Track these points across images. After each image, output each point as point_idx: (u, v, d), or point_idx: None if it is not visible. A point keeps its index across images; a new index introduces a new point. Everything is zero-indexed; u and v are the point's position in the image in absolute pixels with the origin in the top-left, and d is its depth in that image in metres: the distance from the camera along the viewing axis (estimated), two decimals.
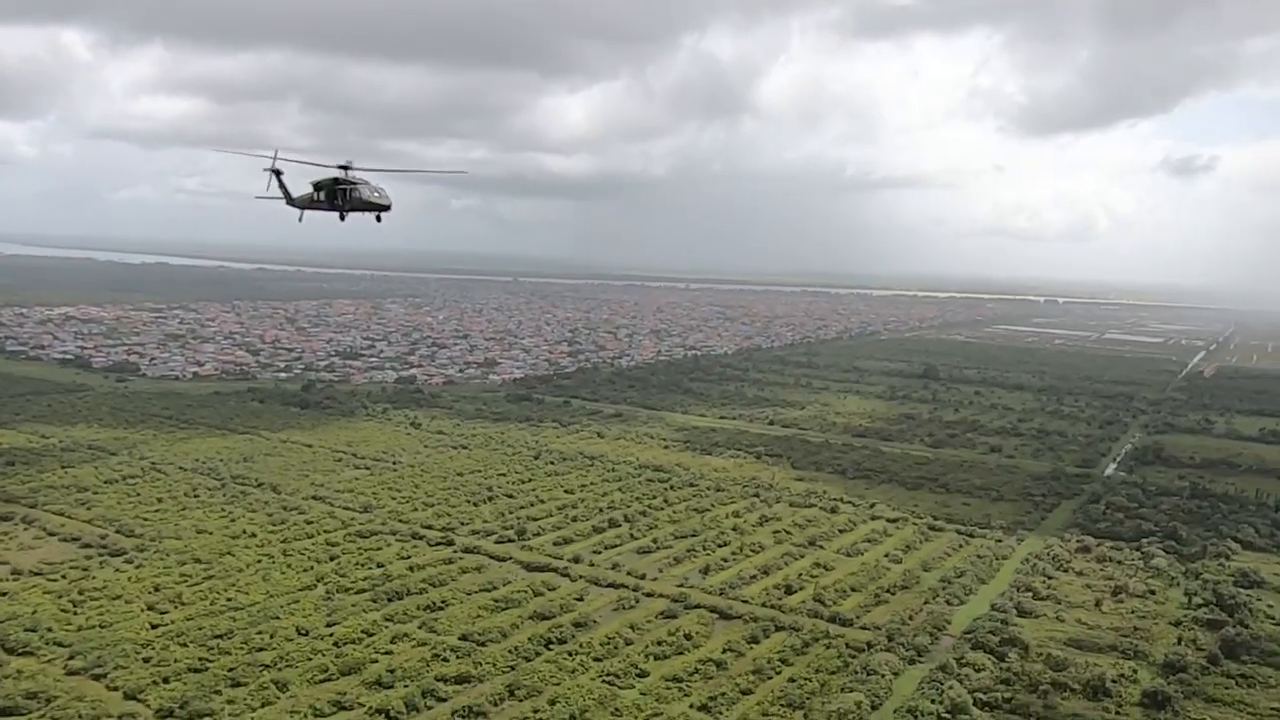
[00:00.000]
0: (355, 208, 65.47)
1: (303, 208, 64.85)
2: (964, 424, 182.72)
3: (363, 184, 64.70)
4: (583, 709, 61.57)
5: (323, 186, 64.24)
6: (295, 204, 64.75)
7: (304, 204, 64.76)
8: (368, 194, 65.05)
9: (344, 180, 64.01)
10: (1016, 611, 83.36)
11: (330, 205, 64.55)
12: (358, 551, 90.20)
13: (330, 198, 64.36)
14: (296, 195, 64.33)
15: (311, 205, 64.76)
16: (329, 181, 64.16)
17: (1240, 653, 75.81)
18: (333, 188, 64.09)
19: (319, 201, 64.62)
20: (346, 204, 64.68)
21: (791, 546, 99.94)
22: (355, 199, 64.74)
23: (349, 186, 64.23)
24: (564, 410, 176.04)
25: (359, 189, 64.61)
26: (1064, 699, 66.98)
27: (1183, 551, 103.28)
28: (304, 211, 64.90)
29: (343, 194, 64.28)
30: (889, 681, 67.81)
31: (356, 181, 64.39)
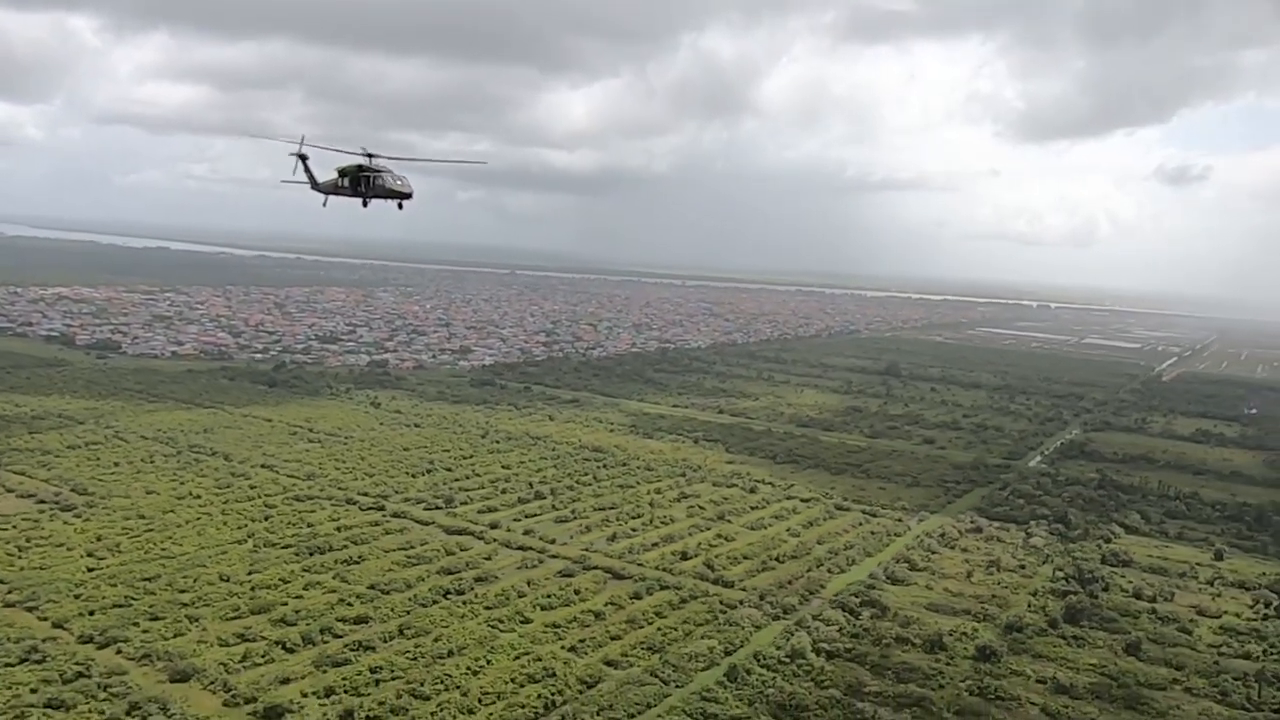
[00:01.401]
0: (378, 195, 67.23)
1: (327, 193, 66.89)
2: (907, 417, 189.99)
3: (386, 172, 66.59)
4: (461, 646, 69.18)
5: (347, 173, 66.25)
6: (320, 189, 67.08)
7: (328, 189, 66.85)
8: (390, 182, 66.91)
9: (368, 168, 66.01)
10: (889, 580, 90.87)
11: (354, 192, 66.51)
12: (292, 513, 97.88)
13: (354, 184, 66.35)
14: (321, 181, 66.59)
15: (336, 191, 66.68)
16: (353, 169, 66.19)
17: (1080, 619, 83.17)
18: (357, 175, 66.05)
19: (343, 188, 66.51)
20: (370, 191, 66.61)
21: (700, 520, 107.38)
22: (378, 186, 66.61)
23: (373, 174, 66.16)
24: (523, 395, 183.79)
25: (382, 177, 66.48)
26: (903, 651, 74.42)
27: (1066, 534, 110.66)
28: (328, 197, 67.09)
29: (366, 181, 66.24)
30: (747, 633, 75.30)
31: (380, 170, 66.33)
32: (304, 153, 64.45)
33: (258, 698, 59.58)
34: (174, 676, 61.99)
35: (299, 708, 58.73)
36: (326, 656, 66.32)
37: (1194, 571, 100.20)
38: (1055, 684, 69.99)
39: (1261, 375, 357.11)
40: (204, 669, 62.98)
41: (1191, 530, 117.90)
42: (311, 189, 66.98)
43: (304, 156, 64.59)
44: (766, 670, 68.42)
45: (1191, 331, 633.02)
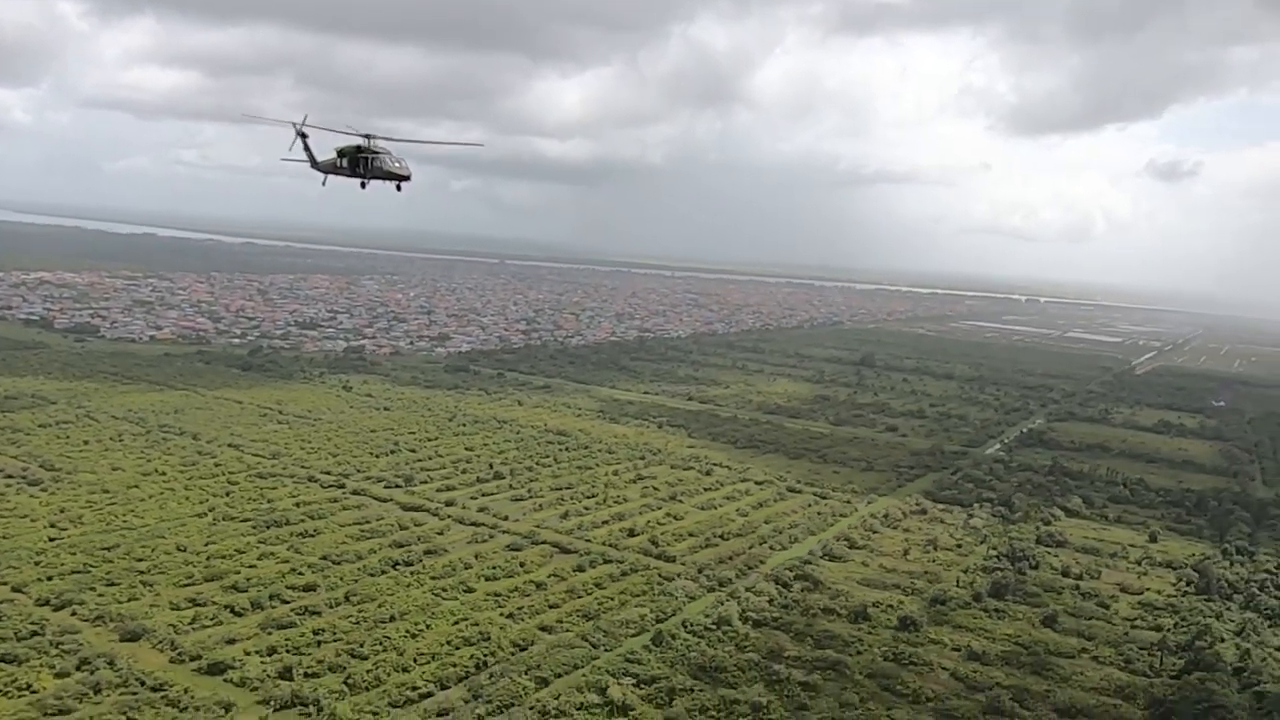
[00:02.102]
0: (376, 176, 67.34)
1: (326, 172, 66.89)
2: (874, 406, 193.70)
3: (385, 154, 66.66)
4: (403, 612, 72.52)
5: (346, 154, 66.23)
6: (319, 168, 67.00)
7: (327, 168, 66.83)
8: (389, 164, 67.05)
9: (367, 149, 66.12)
10: (827, 557, 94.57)
11: (352, 172, 66.55)
12: (253, 490, 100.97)
13: (353, 165, 66.35)
14: (321, 160, 66.50)
15: (335, 170, 66.69)
16: (352, 149, 66.16)
17: (1005, 594, 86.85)
18: (355, 155, 66.06)
19: (341, 168, 66.50)
20: (368, 172, 66.77)
21: (653, 500, 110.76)
22: (377, 168, 66.73)
23: (371, 155, 66.21)
24: (495, 381, 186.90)
25: (381, 158, 66.55)
26: (828, 621, 78.03)
27: (1008, 516, 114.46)
28: (327, 176, 67.03)
29: (365, 162, 66.32)
30: (680, 603, 78.77)
31: (379, 151, 66.35)
32: (304, 130, 64.31)
33: (202, 655, 62.86)
34: (124, 636, 65.23)
35: (240, 664, 62.02)
36: (272, 620, 69.60)
37: (1125, 552, 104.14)
38: (969, 651, 73.78)
39: (1238, 370, 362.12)
40: (154, 630, 66.21)
41: (1132, 514, 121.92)
42: (311, 167, 67.14)
43: (304, 134, 64.51)
44: (692, 636, 71.95)
45: (1176, 327, 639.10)
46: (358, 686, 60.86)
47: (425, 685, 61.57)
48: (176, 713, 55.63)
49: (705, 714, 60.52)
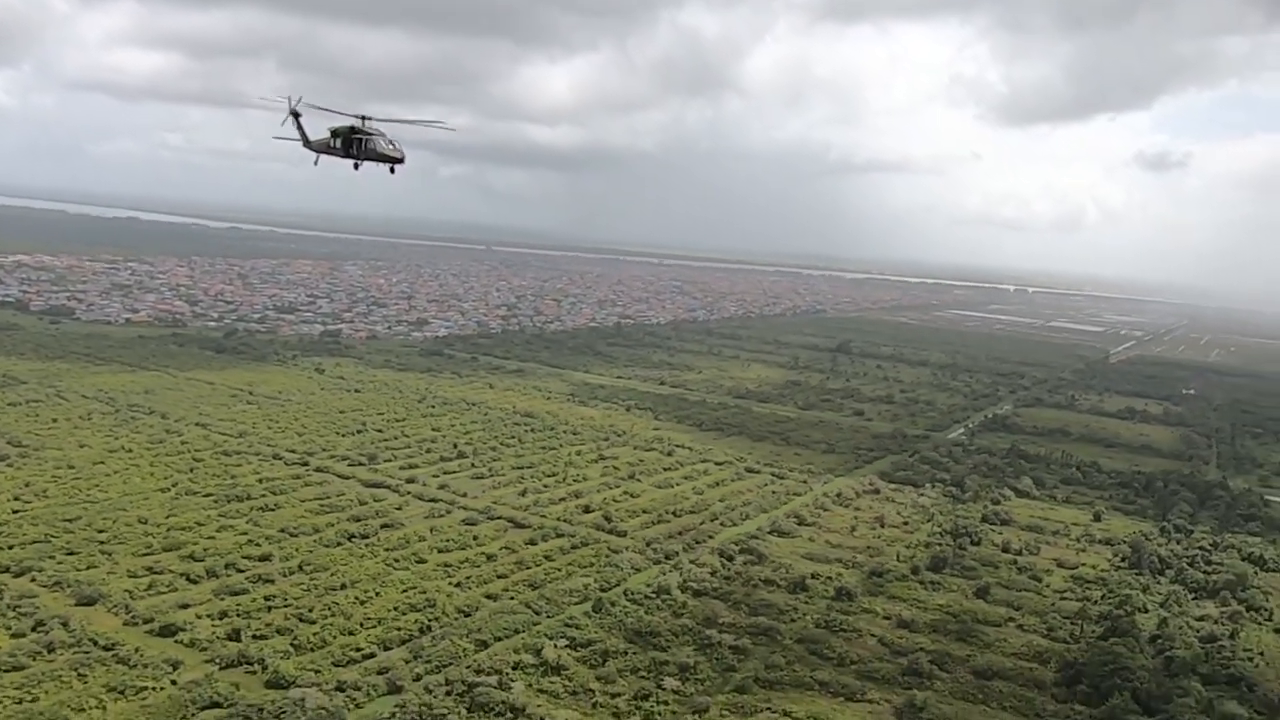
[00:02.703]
0: (369, 158, 67.34)
1: (318, 151, 66.89)
2: (844, 391, 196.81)
3: (378, 135, 66.66)
4: (354, 580, 75.08)
5: (339, 134, 66.23)
6: (311, 147, 66.96)
7: (320, 148, 66.85)
8: (382, 146, 67.10)
9: (360, 130, 66.14)
10: (775, 533, 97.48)
11: (345, 153, 66.63)
12: (218, 466, 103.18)
13: (346, 146, 66.35)
14: (314, 139, 66.55)
15: (328, 150, 66.73)
16: (345, 130, 66.16)
17: (943, 567, 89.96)
18: (349, 136, 66.04)
19: (335, 148, 66.54)
20: (361, 153, 66.84)
21: (612, 479, 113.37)
22: (370, 149, 66.74)
23: (365, 137, 66.21)
24: (469, 365, 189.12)
25: (374, 140, 66.56)
26: (768, 591, 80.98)
27: (958, 496, 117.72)
28: (319, 155, 67.04)
29: (358, 144, 66.29)
30: (625, 573, 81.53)
31: (372, 133, 66.35)
32: (298, 110, 64.26)
33: (155, 619, 65.35)
34: (80, 601, 67.63)
35: (190, 627, 64.51)
36: (226, 587, 72.10)
37: (1068, 530, 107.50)
38: (899, 620, 76.82)
39: (1214, 359, 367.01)
40: (109, 595, 68.63)
41: (1081, 495, 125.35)
42: (303, 146, 67.23)
43: (298, 114, 64.48)
44: (632, 604, 74.77)
45: (1161, 317, 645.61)
46: (303, 647, 63.49)
47: (369, 647, 64.26)
48: (125, 669, 58.12)
49: (635, 674, 63.40)
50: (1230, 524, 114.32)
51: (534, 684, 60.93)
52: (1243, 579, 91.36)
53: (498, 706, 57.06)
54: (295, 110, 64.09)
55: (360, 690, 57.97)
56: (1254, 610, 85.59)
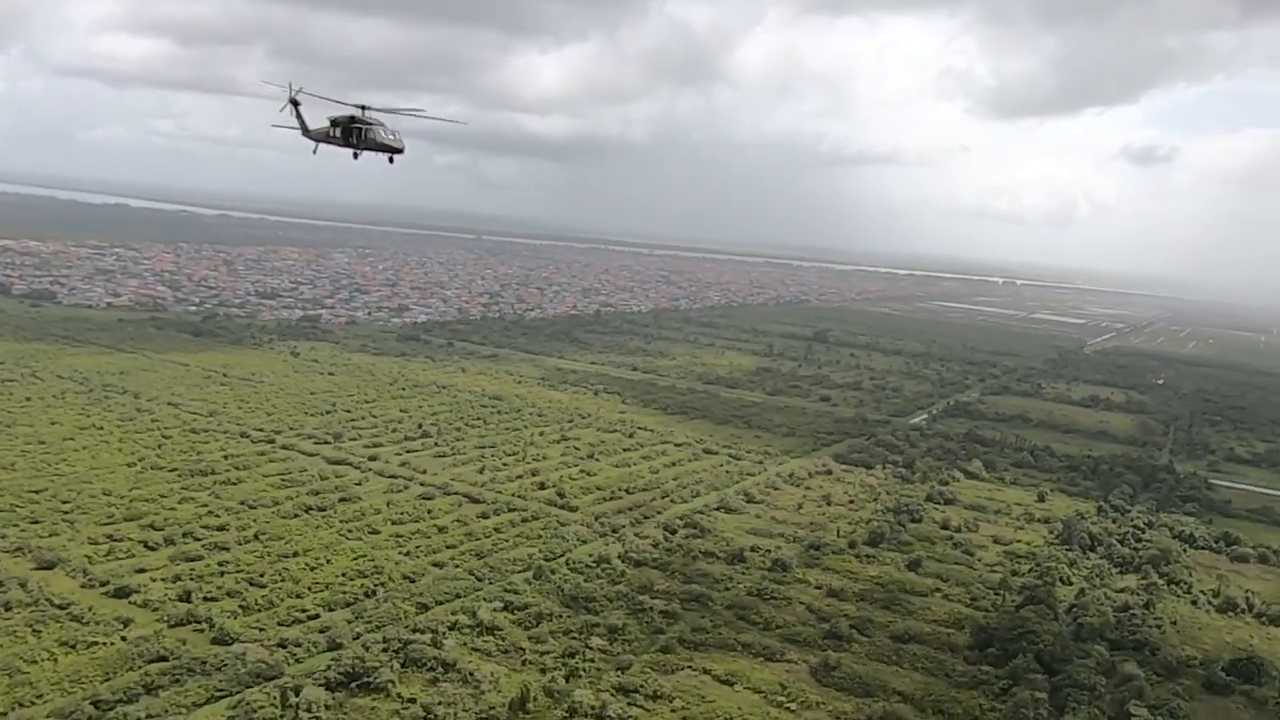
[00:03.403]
0: (369, 147, 67.46)
1: (318, 140, 67.32)
2: (813, 378, 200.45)
3: (378, 125, 66.88)
4: (307, 549, 78.38)
5: (339, 124, 66.60)
6: (311, 135, 67.49)
7: (319, 137, 67.32)
8: (382, 136, 67.25)
9: (360, 120, 66.46)
10: (723, 509, 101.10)
11: (345, 142, 66.91)
12: (185, 443, 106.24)
13: (346, 135, 66.66)
14: (313, 128, 66.85)
15: (327, 140, 67.11)
16: (345, 119, 66.57)
17: (880, 542, 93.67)
18: (349, 125, 66.37)
19: (334, 137, 66.88)
20: (361, 143, 67.06)
21: (572, 459, 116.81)
22: (370, 139, 66.89)
23: (364, 126, 66.44)
24: (444, 350, 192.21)
25: (374, 130, 66.74)
26: (707, 563, 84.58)
27: (908, 476, 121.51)
28: (318, 144, 67.57)
29: (358, 133, 66.55)
30: (570, 545, 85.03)
31: (372, 122, 66.58)
32: (297, 98, 64.79)
33: (110, 582, 68.58)
34: (40, 565, 70.75)
35: (144, 589, 67.81)
36: (182, 554, 75.41)
37: (1010, 509, 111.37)
38: (830, 590, 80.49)
39: (1190, 351, 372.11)
40: (69, 560, 71.80)
41: (1030, 477, 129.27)
42: (302, 135, 67.80)
43: (297, 102, 64.99)
44: (572, 572, 78.23)
45: (1146, 310, 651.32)
46: (251, 608, 66.86)
47: (315, 609, 67.63)
48: (79, 626, 61.39)
49: (566, 635, 66.89)
50: (1168, 505, 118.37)
51: (468, 643, 64.39)
52: (1167, 554, 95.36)
53: (429, 661, 60.50)
54: (295, 99, 64.83)
55: (301, 647, 61.34)
56: (1174, 583, 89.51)
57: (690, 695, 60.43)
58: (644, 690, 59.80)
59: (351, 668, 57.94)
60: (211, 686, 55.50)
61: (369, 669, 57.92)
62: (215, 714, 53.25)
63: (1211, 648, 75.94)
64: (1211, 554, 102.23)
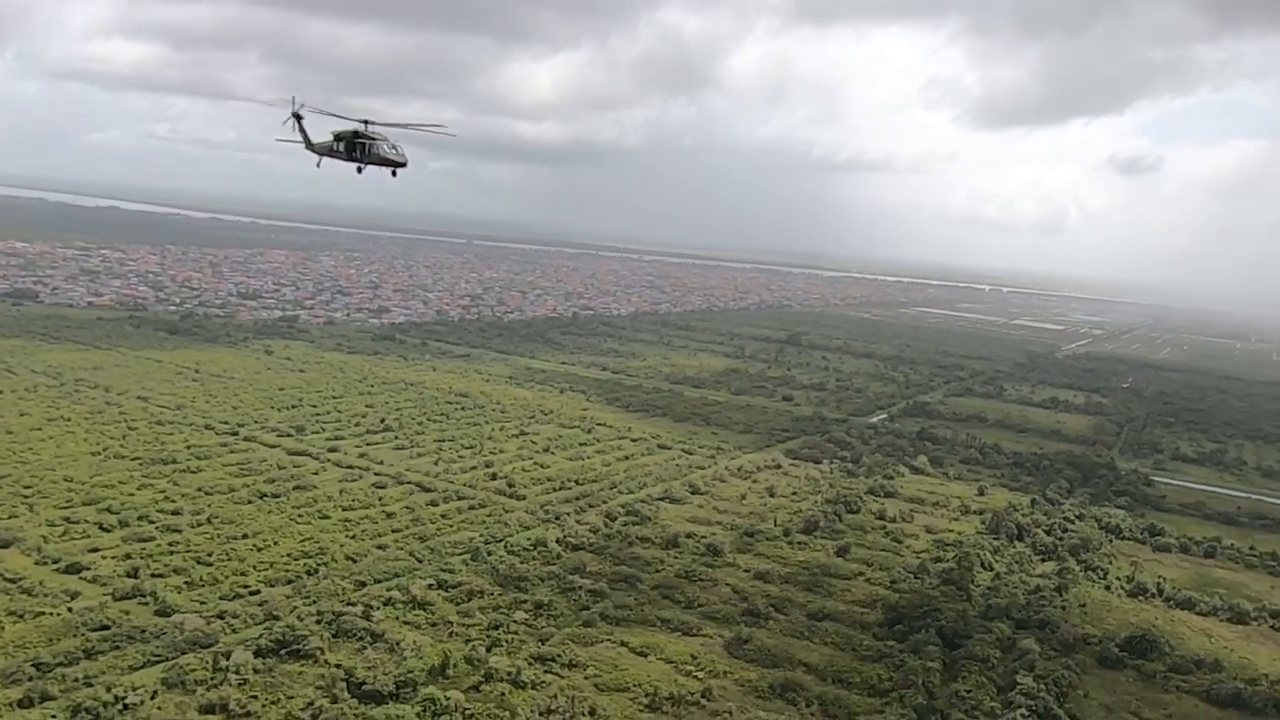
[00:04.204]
0: (372, 162, 68.45)
1: (321, 154, 68.23)
2: (780, 379, 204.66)
3: (381, 140, 67.85)
4: (256, 532, 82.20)
5: (343, 138, 67.51)
6: (314, 149, 68.38)
7: (323, 151, 68.20)
8: (385, 150, 68.29)
9: (364, 134, 67.43)
10: (667, 500, 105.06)
11: (349, 156, 67.84)
12: (150, 434, 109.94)
13: (349, 149, 67.63)
14: (316, 141, 67.76)
15: (330, 153, 68.02)
16: (349, 134, 67.49)
17: (814, 530, 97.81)
18: (352, 140, 67.34)
19: (338, 151, 67.79)
20: (365, 157, 67.99)
21: (527, 452, 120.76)
22: (373, 153, 67.91)
23: (368, 141, 67.43)
24: (417, 349, 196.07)
25: (377, 144, 67.74)
26: (643, 548, 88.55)
27: (853, 471, 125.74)
28: (322, 158, 68.52)
29: (361, 148, 67.55)
30: (512, 530, 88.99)
31: (375, 137, 67.57)
32: (300, 112, 65.53)
33: (63, 560, 72.28)
34: None
35: (94, 566, 71.56)
36: (135, 535, 79.11)
37: (948, 502, 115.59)
38: (757, 572, 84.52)
39: (1163, 356, 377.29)
40: (25, 539, 75.46)
41: (974, 473, 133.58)
42: (305, 149, 68.61)
43: (300, 116, 65.74)
44: (509, 554, 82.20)
45: (1127, 317, 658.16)
46: (196, 584, 70.62)
47: (257, 585, 71.43)
48: (28, 598, 65.15)
49: (495, 610, 70.87)
50: (1103, 499, 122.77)
51: (400, 616, 68.29)
52: (1088, 543, 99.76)
53: (359, 632, 64.38)
54: (298, 112, 65.70)
55: (238, 618, 65.16)
56: (1091, 570, 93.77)
57: (604, 664, 64.38)
58: (560, 659, 63.74)
59: (282, 636, 61.77)
60: (148, 652, 59.34)
61: (299, 637, 61.73)
62: (150, 677, 57.00)
63: (1114, 627, 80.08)
64: (1136, 544, 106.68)
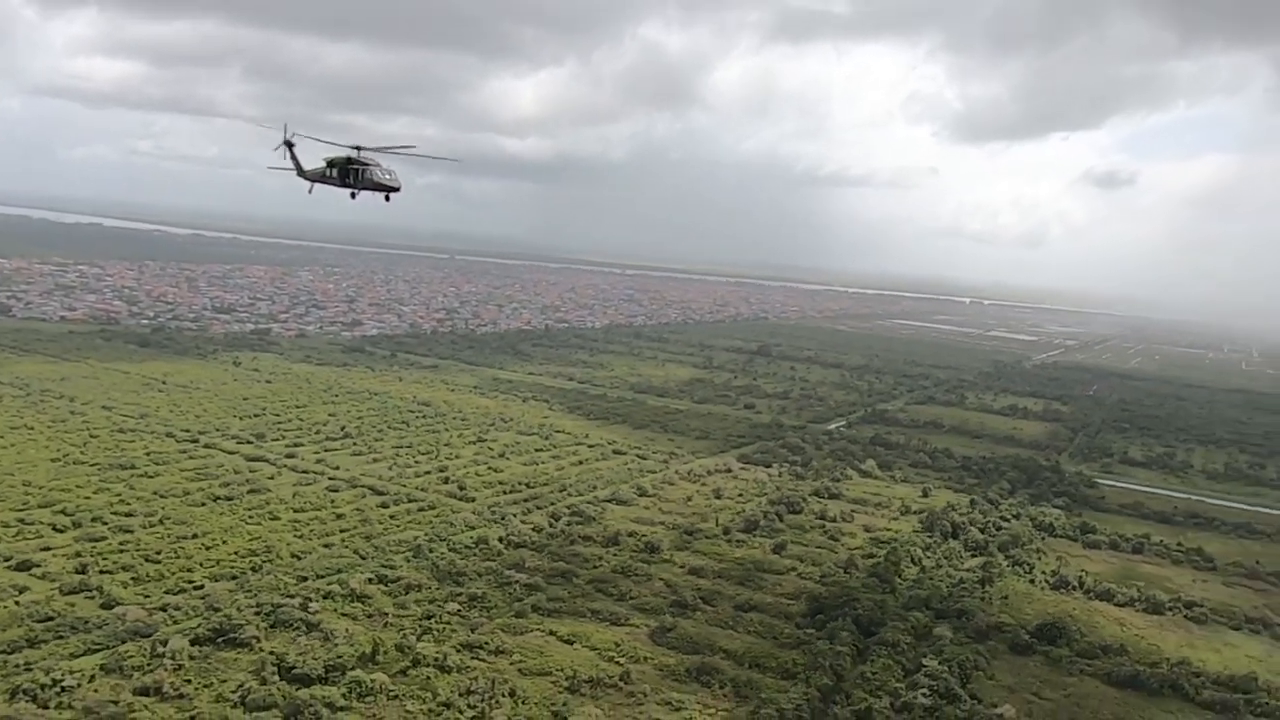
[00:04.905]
0: (366, 187, 68.69)
1: (314, 181, 68.66)
2: (744, 388, 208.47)
3: (375, 165, 68.21)
4: (206, 532, 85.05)
5: (335, 164, 68.01)
6: (306, 176, 68.97)
7: (315, 177, 68.73)
8: (379, 175, 68.61)
9: (357, 160, 67.94)
10: (614, 501, 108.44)
11: (342, 182, 68.19)
12: (111, 442, 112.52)
13: (342, 176, 68.06)
14: (309, 169, 68.41)
15: (323, 180, 68.45)
16: (342, 160, 68.00)
17: (754, 529, 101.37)
18: (345, 166, 67.92)
19: (331, 178, 68.13)
20: (358, 183, 68.38)
21: (483, 458, 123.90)
22: (366, 179, 68.20)
23: (361, 167, 67.85)
24: (386, 360, 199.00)
25: (370, 170, 68.11)
26: (584, 546, 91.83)
27: (801, 474, 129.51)
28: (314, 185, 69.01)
29: (355, 173, 67.97)
30: (457, 529, 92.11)
31: (369, 163, 67.92)
32: (292, 140, 66.25)
33: (14, 558, 74.92)
34: None
35: (44, 563, 74.26)
36: (88, 535, 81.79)
37: (890, 503, 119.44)
38: (691, 568, 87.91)
39: (1131, 366, 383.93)
40: None
41: (921, 475, 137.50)
42: (298, 176, 69.13)
43: (291, 143, 66.40)
44: (451, 552, 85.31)
45: (1102, 328, 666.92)
46: (142, 580, 73.45)
47: (201, 580, 74.33)
48: None
49: (432, 603, 73.97)
50: (1042, 499, 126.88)
51: (338, 609, 71.31)
52: (1017, 540, 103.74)
53: (296, 622, 67.37)
54: (289, 140, 66.84)
55: (180, 610, 68.06)
56: (1019, 565, 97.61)
57: (530, 651, 67.56)
58: (487, 647, 66.92)
59: (219, 626, 64.72)
60: (89, 641, 62.17)
61: (235, 626, 64.71)
62: (90, 664, 59.81)
63: (1031, 617, 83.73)
64: (1068, 541, 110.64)
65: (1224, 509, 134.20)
